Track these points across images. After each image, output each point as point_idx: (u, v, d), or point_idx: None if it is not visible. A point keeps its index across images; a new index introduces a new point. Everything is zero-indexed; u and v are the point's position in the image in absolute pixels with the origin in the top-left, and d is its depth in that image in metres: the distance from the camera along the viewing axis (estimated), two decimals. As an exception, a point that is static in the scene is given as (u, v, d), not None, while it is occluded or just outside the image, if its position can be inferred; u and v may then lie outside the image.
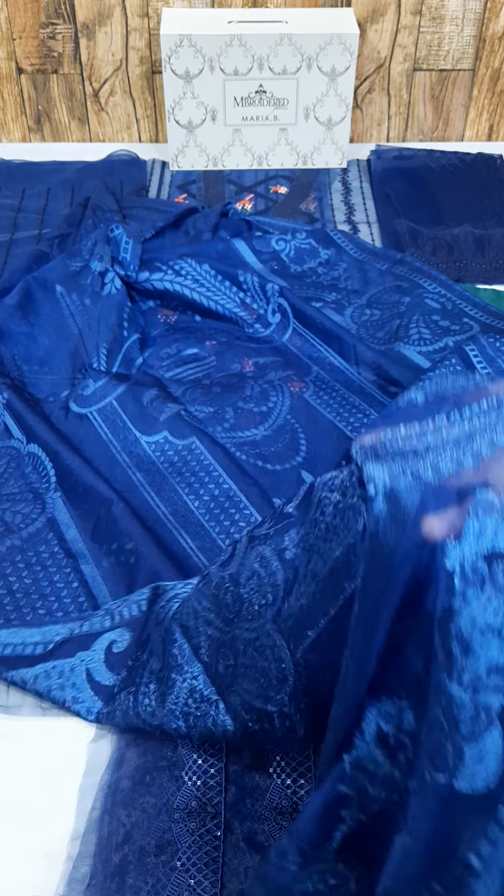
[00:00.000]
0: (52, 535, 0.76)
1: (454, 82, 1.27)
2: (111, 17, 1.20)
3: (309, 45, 1.13)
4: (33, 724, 0.65)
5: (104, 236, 1.01)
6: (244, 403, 0.88)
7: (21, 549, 0.75)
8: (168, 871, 0.55)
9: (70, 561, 0.74)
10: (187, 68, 1.14)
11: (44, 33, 1.21)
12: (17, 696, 0.66)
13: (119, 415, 0.87)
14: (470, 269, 1.06)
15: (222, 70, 1.15)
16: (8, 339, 0.94)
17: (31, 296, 0.97)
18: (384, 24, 1.21)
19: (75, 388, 0.90)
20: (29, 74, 1.25)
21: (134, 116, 1.29)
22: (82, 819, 0.59)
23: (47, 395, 0.90)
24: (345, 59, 1.15)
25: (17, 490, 0.80)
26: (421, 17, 1.20)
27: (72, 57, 1.23)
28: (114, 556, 0.73)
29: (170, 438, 0.84)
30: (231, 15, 1.17)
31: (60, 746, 0.63)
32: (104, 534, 0.75)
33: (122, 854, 0.56)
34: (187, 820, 0.57)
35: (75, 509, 0.77)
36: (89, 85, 1.26)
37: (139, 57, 1.23)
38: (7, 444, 0.84)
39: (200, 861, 0.55)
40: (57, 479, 0.80)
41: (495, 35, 1.22)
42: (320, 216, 1.16)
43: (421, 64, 1.25)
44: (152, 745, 0.61)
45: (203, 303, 0.99)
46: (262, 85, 1.17)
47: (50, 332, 0.95)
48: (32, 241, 1.11)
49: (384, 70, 1.25)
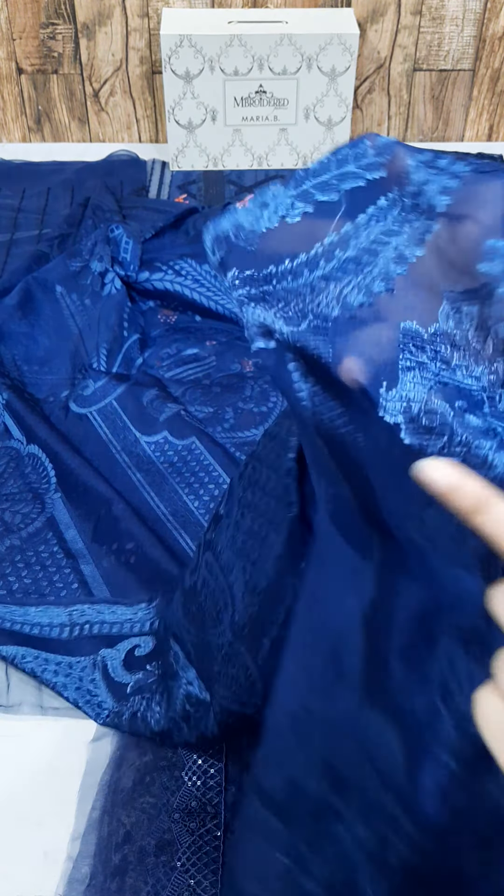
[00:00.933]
0: (51, 535, 0.76)
1: (454, 82, 1.27)
2: (111, 18, 1.20)
3: (309, 46, 1.13)
4: (33, 723, 0.65)
5: (104, 236, 1.01)
6: (244, 404, 0.88)
7: (21, 548, 0.75)
8: (168, 871, 0.55)
9: (70, 561, 0.74)
10: (187, 68, 1.14)
11: (44, 33, 1.21)
12: (16, 695, 0.66)
13: (119, 415, 0.87)
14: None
15: (222, 70, 1.15)
16: (8, 339, 0.94)
17: (31, 296, 0.97)
18: (384, 25, 1.21)
19: (75, 389, 0.90)
20: (29, 74, 1.25)
21: (134, 116, 1.29)
22: (82, 819, 0.59)
23: (47, 396, 0.90)
24: (345, 59, 1.15)
25: (16, 490, 0.80)
26: (421, 17, 1.20)
27: (72, 57, 1.23)
28: (114, 556, 0.73)
29: (170, 438, 0.84)
30: (231, 15, 1.17)
31: (60, 746, 0.63)
32: (104, 534, 0.75)
33: (122, 854, 0.56)
34: (187, 820, 0.57)
35: (75, 509, 0.77)
36: (89, 85, 1.26)
37: (139, 57, 1.23)
38: (7, 444, 0.84)
39: (200, 861, 0.55)
40: (57, 480, 0.80)
41: (495, 35, 1.22)
42: (320, 216, 1.16)
43: (421, 64, 1.25)
44: (152, 746, 0.61)
45: (203, 303, 0.99)
46: (262, 85, 1.17)
47: (50, 333, 0.95)
48: (32, 242, 1.11)
49: (384, 70, 1.25)
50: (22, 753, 0.63)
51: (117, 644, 0.67)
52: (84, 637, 0.67)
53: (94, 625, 0.68)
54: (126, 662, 0.66)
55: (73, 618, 0.68)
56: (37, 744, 0.63)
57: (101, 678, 0.65)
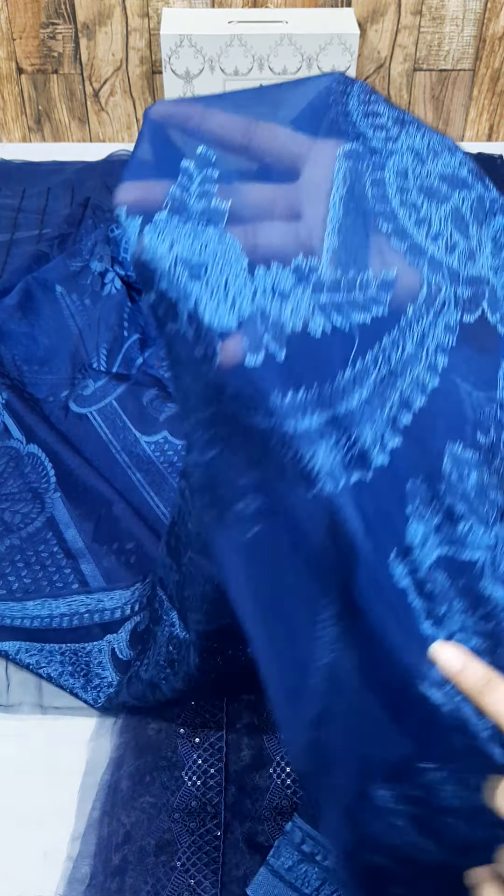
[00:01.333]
0: (51, 535, 0.76)
1: (454, 82, 1.27)
2: (111, 18, 1.20)
3: (309, 46, 1.13)
4: (33, 723, 0.65)
5: (104, 236, 1.01)
6: (244, 403, 0.88)
7: (20, 548, 0.75)
8: (168, 871, 0.55)
9: (70, 561, 0.74)
10: (187, 68, 1.14)
11: (44, 33, 1.21)
12: (16, 695, 0.66)
13: (119, 415, 0.87)
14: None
15: (222, 70, 1.15)
16: (8, 339, 0.94)
17: (31, 296, 0.97)
18: (384, 25, 1.21)
19: (75, 388, 0.90)
20: (29, 74, 1.25)
21: (134, 116, 1.29)
22: (82, 819, 0.59)
23: (47, 395, 0.90)
24: (345, 59, 1.15)
25: (16, 490, 0.80)
26: (421, 17, 1.20)
27: (72, 57, 1.23)
28: (114, 556, 0.73)
29: (170, 438, 0.84)
30: (231, 15, 1.17)
31: (60, 746, 0.63)
32: (104, 534, 0.75)
33: (122, 854, 0.56)
34: (187, 820, 0.57)
35: (75, 509, 0.77)
36: (89, 85, 1.26)
37: (139, 57, 1.23)
38: (6, 444, 0.84)
39: (200, 861, 0.55)
40: (57, 479, 0.80)
41: (495, 35, 1.22)
42: (320, 216, 1.16)
43: (421, 64, 1.25)
44: (152, 745, 0.61)
45: (203, 303, 0.99)
46: (263, 85, 1.17)
47: (50, 332, 0.95)
48: (32, 241, 1.11)
49: (384, 70, 1.25)
50: (22, 753, 0.63)
51: (120, 629, 0.68)
52: (87, 625, 0.68)
53: (94, 612, 0.69)
54: (131, 641, 0.66)
55: (72, 607, 0.69)
56: (37, 743, 0.63)
57: (108, 660, 0.66)
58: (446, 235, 0.40)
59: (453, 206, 0.41)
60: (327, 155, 0.40)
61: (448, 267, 0.39)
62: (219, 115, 0.41)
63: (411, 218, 0.39)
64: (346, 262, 0.38)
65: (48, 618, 0.69)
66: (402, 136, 0.43)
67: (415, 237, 0.39)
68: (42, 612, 0.69)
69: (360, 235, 0.39)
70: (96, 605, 0.70)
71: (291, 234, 0.39)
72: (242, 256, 0.38)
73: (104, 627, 0.68)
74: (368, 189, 0.40)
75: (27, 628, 0.68)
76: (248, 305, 0.37)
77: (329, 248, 0.38)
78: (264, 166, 0.41)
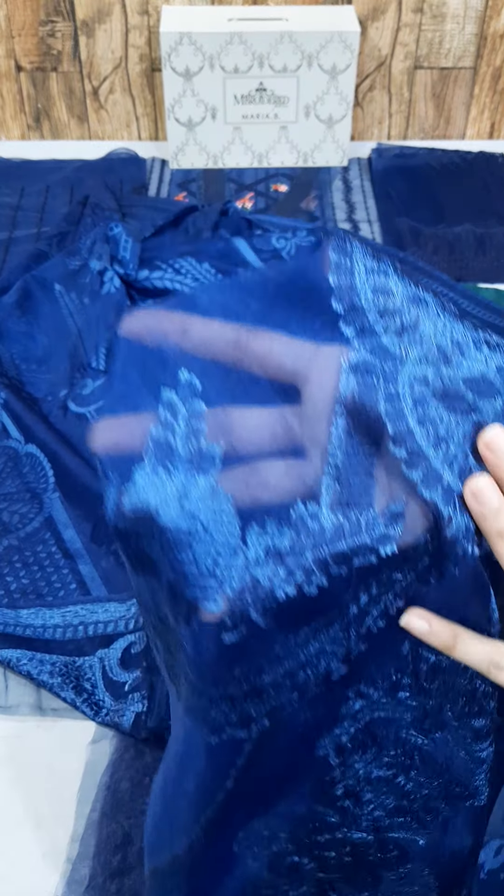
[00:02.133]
0: (49, 535, 0.75)
1: (455, 80, 1.26)
2: (111, 15, 1.20)
3: (309, 43, 1.13)
4: (32, 724, 0.64)
5: (103, 235, 1.01)
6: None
7: (18, 549, 0.75)
8: (167, 873, 0.55)
9: (68, 561, 0.74)
10: (187, 66, 1.14)
11: (43, 31, 1.20)
12: (15, 696, 0.66)
13: (118, 414, 0.87)
14: (471, 269, 1.06)
15: (222, 68, 1.14)
16: (6, 337, 0.94)
17: (29, 294, 0.96)
18: (385, 22, 1.21)
19: (74, 388, 0.89)
20: (28, 72, 1.24)
21: (133, 114, 1.29)
22: (81, 820, 0.59)
23: (46, 395, 0.89)
24: (345, 56, 1.14)
25: (14, 490, 0.80)
26: (422, 14, 1.20)
27: (71, 55, 1.23)
28: (112, 556, 0.73)
29: (169, 438, 0.84)
30: (231, 12, 1.17)
31: (59, 748, 0.63)
32: (103, 534, 0.75)
33: (122, 856, 0.56)
34: (186, 822, 0.57)
35: (74, 509, 0.77)
36: (89, 83, 1.25)
37: (139, 55, 1.23)
38: (5, 443, 0.83)
39: (200, 863, 0.55)
40: (55, 479, 0.79)
41: (497, 33, 1.22)
42: (321, 215, 1.16)
43: (422, 62, 1.25)
44: (151, 747, 0.61)
45: (203, 301, 0.99)
46: (263, 83, 1.16)
47: (48, 331, 0.95)
48: (31, 240, 1.11)
49: (385, 68, 1.25)
50: (21, 755, 0.62)
51: (113, 643, 0.66)
52: (79, 638, 0.67)
53: (88, 625, 0.68)
54: (122, 661, 0.65)
55: (66, 619, 0.68)
56: (36, 745, 0.63)
57: (99, 678, 0.65)
58: (461, 459, 0.34)
59: (476, 421, 0.35)
60: (330, 369, 0.35)
61: (460, 494, 0.34)
62: (201, 326, 0.36)
63: (430, 438, 0.34)
64: (347, 503, 0.34)
65: (41, 627, 0.68)
66: (420, 325, 0.36)
67: (432, 461, 0.34)
68: (36, 621, 0.68)
69: (363, 469, 0.34)
70: (90, 616, 0.69)
71: (291, 476, 0.35)
72: (235, 520, 0.34)
73: (95, 641, 0.67)
74: (382, 406, 0.34)
75: (20, 636, 0.68)
76: (238, 580, 0.33)
77: (327, 488, 0.34)
78: (260, 385, 0.36)
